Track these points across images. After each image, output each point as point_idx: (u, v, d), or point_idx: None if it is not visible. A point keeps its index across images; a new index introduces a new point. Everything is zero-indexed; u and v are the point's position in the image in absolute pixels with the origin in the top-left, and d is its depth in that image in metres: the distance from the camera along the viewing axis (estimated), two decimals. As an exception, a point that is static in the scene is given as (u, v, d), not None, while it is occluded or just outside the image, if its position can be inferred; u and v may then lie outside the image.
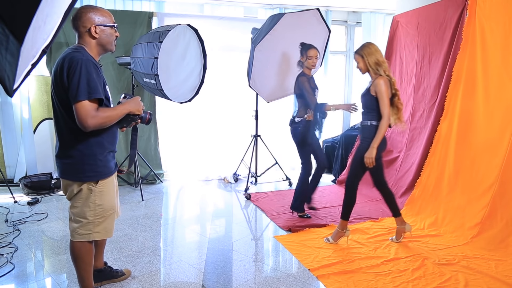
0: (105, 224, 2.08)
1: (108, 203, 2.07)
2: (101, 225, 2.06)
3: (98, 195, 2.01)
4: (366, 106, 2.97)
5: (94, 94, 1.82)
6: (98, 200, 2.02)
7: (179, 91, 4.00)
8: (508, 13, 3.19)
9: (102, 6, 4.86)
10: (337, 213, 3.85)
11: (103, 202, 2.04)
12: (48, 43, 1.13)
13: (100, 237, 2.09)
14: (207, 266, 2.76)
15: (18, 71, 1.02)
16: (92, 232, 2.05)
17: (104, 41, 1.97)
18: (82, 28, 1.91)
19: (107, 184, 2.05)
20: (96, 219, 2.04)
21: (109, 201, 2.08)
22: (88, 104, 1.81)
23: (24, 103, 4.73)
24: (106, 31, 1.96)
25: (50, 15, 1.03)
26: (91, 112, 1.81)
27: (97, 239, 2.09)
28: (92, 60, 1.88)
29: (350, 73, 6.03)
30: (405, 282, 2.51)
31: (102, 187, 2.02)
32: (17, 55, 0.95)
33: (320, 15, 4.29)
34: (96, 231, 2.05)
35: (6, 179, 4.46)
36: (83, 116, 1.80)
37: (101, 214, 2.05)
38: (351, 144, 5.10)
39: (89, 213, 2.01)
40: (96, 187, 2.00)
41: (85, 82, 1.80)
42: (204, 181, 5.23)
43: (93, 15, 1.91)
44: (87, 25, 1.91)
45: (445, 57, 3.83)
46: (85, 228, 2.03)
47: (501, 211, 3.04)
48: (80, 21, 1.91)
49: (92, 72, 1.83)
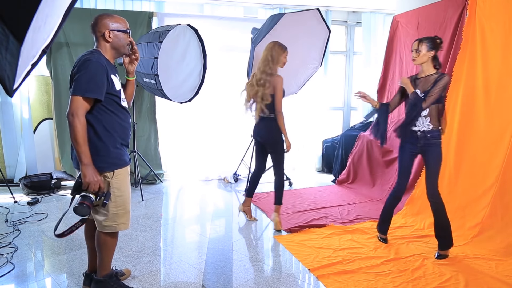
0: (128, 215, 2.19)
1: (127, 194, 2.17)
2: (125, 216, 2.17)
3: (116, 186, 2.10)
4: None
5: (89, 92, 1.93)
6: (117, 191, 2.10)
7: (179, 91, 4.00)
8: (508, 13, 3.19)
9: (102, 6, 4.88)
10: (337, 213, 3.85)
11: (123, 193, 2.13)
12: (48, 43, 1.13)
13: (125, 227, 2.19)
14: (207, 266, 2.76)
15: (18, 71, 1.02)
16: (118, 224, 2.15)
17: (117, 44, 2.13)
18: (98, 33, 2.08)
19: (123, 175, 2.14)
20: (119, 211, 2.13)
21: (127, 192, 2.17)
22: (80, 100, 1.92)
23: (24, 103, 4.73)
24: (119, 35, 2.12)
25: (50, 15, 1.03)
26: (78, 110, 1.91)
27: (122, 229, 2.19)
28: (102, 63, 2.00)
29: (350, 73, 6.03)
30: (405, 282, 2.51)
31: (119, 178, 2.11)
32: (17, 55, 0.95)
33: (320, 15, 4.29)
34: (121, 222, 2.16)
35: (6, 179, 4.46)
36: (72, 109, 1.91)
37: (122, 205, 2.14)
38: (351, 144, 5.10)
39: (111, 205, 2.10)
40: (113, 179, 2.08)
41: (86, 80, 1.93)
42: (204, 181, 5.23)
43: (108, 21, 2.08)
44: (102, 30, 2.07)
45: (445, 57, 3.83)
46: (111, 220, 2.13)
47: (501, 211, 3.04)
48: (97, 27, 2.07)
49: (97, 73, 1.95)
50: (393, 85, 4.82)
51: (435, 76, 2.77)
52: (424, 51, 2.78)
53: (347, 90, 6.06)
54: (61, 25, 1.12)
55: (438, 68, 2.83)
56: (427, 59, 2.80)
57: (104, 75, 1.99)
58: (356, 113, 6.04)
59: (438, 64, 2.83)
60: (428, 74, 2.82)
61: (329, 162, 5.69)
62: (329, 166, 5.69)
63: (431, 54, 2.78)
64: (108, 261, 2.27)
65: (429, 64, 2.82)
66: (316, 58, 4.68)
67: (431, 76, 2.80)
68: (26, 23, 0.90)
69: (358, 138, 5.01)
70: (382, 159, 4.56)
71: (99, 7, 4.86)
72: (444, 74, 2.77)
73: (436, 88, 2.72)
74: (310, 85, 5.12)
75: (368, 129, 5.09)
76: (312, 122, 5.72)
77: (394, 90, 4.77)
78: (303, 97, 5.41)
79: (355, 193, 4.58)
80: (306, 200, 4.30)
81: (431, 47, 2.77)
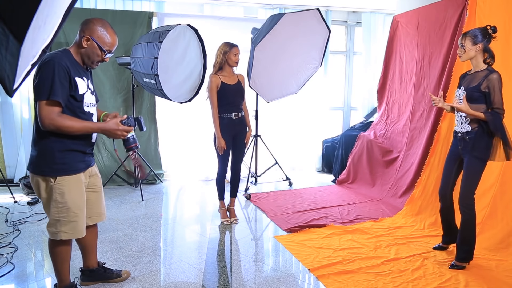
0: (73, 224, 2.05)
1: (72, 202, 2.03)
2: (68, 225, 2.03)
3: (58, 191, 1.99)
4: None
5: (54, 96, 1.85)
6: (59, 197, 1.99)
7: (179, 91, 3.99)
8: (508, 13, 3.19)
9: (102, 6, 4.87)
10: (337, 213, 3.85)
11: (66, 201, 2.01)
12: (48, 43, 1.13)
13: (67, 236, 2.05)
14: (207, 266, 2.76)
15: (18, 71, 1.02)
16: (59, 231, 2.03)
17: (87, 55, 2.02)
18: (81, 32, 1.99)
19: (69, 183, 2.01)
20: (61, 218, 2.01)
21: (74, 201, 2.04)
22: (47, 104, 1.85)
23: (24, 103, 4.73)
24: (94, 50, 2.01)
25: (50, 15, 1.03)
26: (50, 114, 1.86)
27: (64, 238, 2.05)
28: (64, 64, 1.90)
29: (350, 73, 6.03)
30: (405, 282, 2.51)
31: (63, 184, 1.99)
32: (17, 55, 0.95)
33: (320, 15, 4.29)
34: (63, 230, 2.03)
35: (6, 179, 4.46)
36: (41, 115, 1.85)
37: (65, 212, 2.02)
38: (351, 144, 5.10)
39: (53, 210, 2.01)
40: (56, 184, 1.98)
41: (49, 83, 1.84)
42: (204, 181, 5.22)
43: (97, 28, 1.99)
44: (85, 33, 1.98)
45: (445, 57, 3.83)
46: (53, 226, 2.03)
47: (501, 211, 3.03)
48: (85, 25, 1.99)
49: (60, 76, 1.86)
50: (393, 85, 4.82)
51: (485, 72, 2.51)
52: (469, 46, 2.51)
53: (347, 90, 6.06)
54: (61, 25, 1.12)
55: (490, 62, 2.55)
56: (474, 54, 2.52)
57: (66, 77, 1.89)
58: (356, 113, 6.04)
59: (490, 57, 2.54)
60: (478, 70, 2.56)
61: (329, 162, 5.69)
62: (329, 166, 5.68)
63: (479, 48, 2.50)
64: (62, 271, 2.15)
65: (479, 59, 2.55)
66: (316, 58, 4.68)
67: (480, 73, 2.54)
68: (26, 23, 0.90)
69: (358, 138, 5.01)
70: (382, 159, 4.56)
71: (99, 7, 4.86)
72: (493, 72, 2.48)
73: (495, 93, 2.44)
74: (310, 85, 5.12)
75: (368, 129, 5.09)
76: (312, 122, 5.71)
77: (394, 90, 4.78)
78: (303, 97, 5.41)
79: (355, 193, 4.58)
80: (306, 200, 4.30)
81: (478, 40, 2.49)
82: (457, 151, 2.71)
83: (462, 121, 2.62)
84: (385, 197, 4.26)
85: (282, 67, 4.56)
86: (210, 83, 3.40)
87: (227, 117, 3.43)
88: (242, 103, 3.54)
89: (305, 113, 5.65)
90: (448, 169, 2.82)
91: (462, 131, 2.62)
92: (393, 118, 4.73)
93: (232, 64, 3.44)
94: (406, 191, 4.00)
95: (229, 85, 3.43)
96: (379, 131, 4.85)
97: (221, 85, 3.40)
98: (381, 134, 4.79)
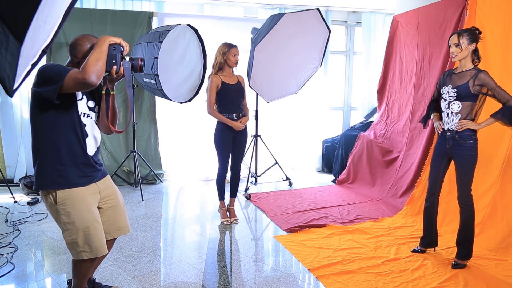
0: (90, 242, 1.94)
1: (80, 221, 1.92)
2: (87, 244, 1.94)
3: (63, 213, 1.90)
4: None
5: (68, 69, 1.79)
6: (66, 218, 1.91)
7: (179, 91, 3.99)
8: (508, 13, 3.19)
9: (102, 6, 4.88)
10: (337, 213, 3.85)
11: (74, 220, 1.91)
12: (48, 43, 1.13)
13: (89, 255, 1.96)
14: (207, 266, 2.76)
15: (18, 71, 1.02)
16: (79, 252, 1.95)
17: None
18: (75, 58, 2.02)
19: (72, 200, 1.91)
20: (74, 240, 1.93)
21: (81, 218, 1.92)
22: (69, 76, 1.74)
23: (24, 103, 4.73)
24: None
25: (50, 15, 1.03)
26: (76, 74, 1.74)
27: (85, 258, 1.96)
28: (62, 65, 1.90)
29: (350, 73, 6.03)
30: (405, 282, 2.51)
31: (66, 203, 1.90)
32: (17, 55, 0.95)
33: (320, 15, 4.29)
34: (82, 249, 1.94)
35: (6, 179, 4.46)
36: (79, 76, 1.73)
37: (77, 233, 1.92)
38: (351, 144, 5.10)
39: (65, 234, 1.94)
40: (59, 205, 1.89)
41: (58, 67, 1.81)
42: (204, 181, 5.22)
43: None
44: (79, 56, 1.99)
45: (445, 57, 3.83)
46: (71, 248, 1.96)
47: (501, 211, 3.03)
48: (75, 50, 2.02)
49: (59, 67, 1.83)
50: (393, 85, 4.82)
51: (473, 71, 2.55)
52: (466, 45, 2.53)
53: (347, 90, 6.06)
54: (61, 25, 1.12)
55: (476, 63, 2.60)
56: (468, 54, 2.56)
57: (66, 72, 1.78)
58: (356, 113, 6.04)
59: (477, 58, 2.59)
60: (465, 70, 2.59)
61: (329, 162, 5.69)
62: (329, 166, 5.69)
63: (472, 48, 2.55)
64: (79, 285, 2.11)
65: (468, 59, 2.58)
66: (316, 58, 4.68)
67: (468, 72, 2.57)
68: (26, 23, 0.90)
69: (358, 138, 5.01)
70: (382, 159, 4.56)
71: (99, 7, 4.86)
72: (480, 71, 2.53)
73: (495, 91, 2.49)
74: (310, 85, 5.11)
75: (368, 129, 5.09)
76: (312, 122, 5.71)
77: (394, 90, 4.78)
78: (303, 97, 5.41)
79: (355, 193, 4.58)
80: (306, 200, 4.30)
81: (472, 40, 2.53)
82: (444, 150, 2.72)
83: (453, 117, 2.63)
84: (385, 197, 4.26)
85: (282, 67, 4.55)
86: (210, 83, 3.42)
87: (228, 117, 3.44)
88: (242, 103, 3.55)
89: (305, 113, 5.65)
90: (436, 168, 2.83)
91: (452, 129, 2.63)
92: (393, 118, 4.73)
93: (232, 64, 3.45)
94: (406, 191, 4.00)
95: (230, 85, 3.45)
96: (379, 131, 4.85)
97: (221, 85, 3.41)
98: (381, 134, 4.79)
